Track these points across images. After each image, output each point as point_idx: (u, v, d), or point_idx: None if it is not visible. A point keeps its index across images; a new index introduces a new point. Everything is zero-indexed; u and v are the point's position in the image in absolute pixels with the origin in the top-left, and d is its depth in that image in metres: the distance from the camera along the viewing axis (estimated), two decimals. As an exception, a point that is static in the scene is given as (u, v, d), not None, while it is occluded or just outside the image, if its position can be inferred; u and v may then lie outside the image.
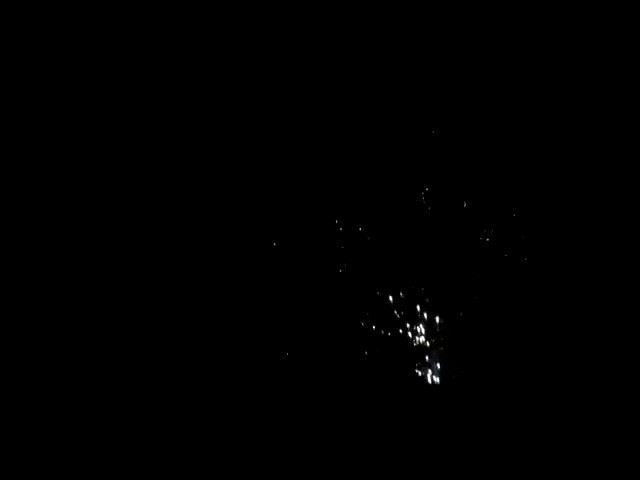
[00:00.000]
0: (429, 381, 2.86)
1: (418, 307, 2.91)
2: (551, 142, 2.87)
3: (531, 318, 2.80)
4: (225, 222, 2.91)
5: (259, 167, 2.94)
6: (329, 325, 2.88)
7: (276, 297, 2.89)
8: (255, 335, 2.86)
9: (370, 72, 2.94)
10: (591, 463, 2.57)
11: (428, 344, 2.89)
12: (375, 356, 2.87)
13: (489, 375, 2.79)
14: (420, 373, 2.86)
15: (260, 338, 2.86)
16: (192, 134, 2.94)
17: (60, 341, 2.74)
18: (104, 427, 2.67)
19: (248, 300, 2.88)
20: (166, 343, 2.80)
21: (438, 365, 2.87)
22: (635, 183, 2.78)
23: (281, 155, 2.95)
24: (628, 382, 2.66)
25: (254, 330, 2.86)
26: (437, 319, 2.90)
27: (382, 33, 2.90)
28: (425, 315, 2.91)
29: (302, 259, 2.91)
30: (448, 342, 2.88)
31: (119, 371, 2.75)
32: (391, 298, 2.91)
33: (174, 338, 2.81)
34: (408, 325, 2.91)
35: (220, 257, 2.89)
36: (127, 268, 2.84)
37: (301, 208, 2.92)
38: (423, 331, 2.90)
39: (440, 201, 2.89)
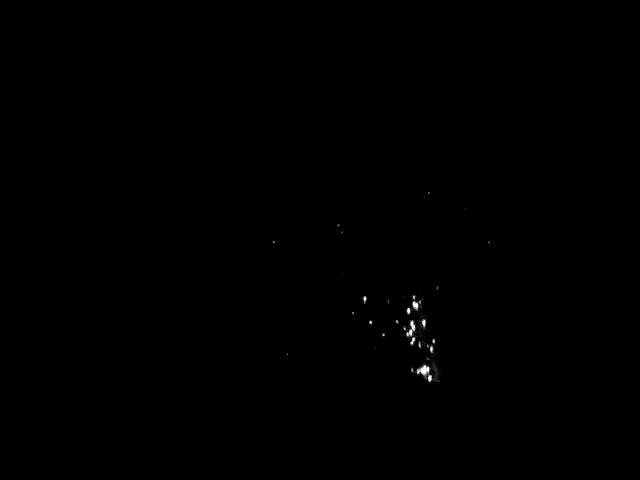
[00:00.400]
0: (428, 379, 2.86)
1: (417, 306, 2.91)
2: (557, 146, 2.87)
3: (531, 318, 2.81)
4: (226, 223, 2.91)
5: (261, 170, 2.94)
6: (329, 325, 2.89)
7: (276, 298, 2.89)
8: (255, 335, 2.86)
9: (373, 74, 2.93)
10: (592, 463, 2.58)
11: (427, 344, 2.90)
12: (374, 355, 2.88)
13: (488, 374, 2.80)
14: (419, 372, 2.87)
15: (260, 338, 2.86)
16: (193, 134, 2.93)
17: (60, 341, 2.74)
18: (104, 427, 2.67)
19: (248, 300, 2.88)
20: (165, 342, 2.80)
21: (438, 364, 2.87)
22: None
23: (284, 158, 2.94)
24: (628, 380, 2.67)
25: (254, 330, 2.86)
26: (438, 319, 2.90)
27: (387, 34, 2.90)
28: (425, 314, 2.92)
29: (303, 261, 2.91)
30: (448, 342, 2.88)
31: (119, 370, 2.75)
32: (391, 298, 2.92)
33: (174, 337, 2.81)
34: (408, 324, 2.91)
35: (221, 258, 2.89)
36: (126, 266, 2.84)
37: (303, 211, 2.93)
38: (423, 330, 2.91)
39: (442, 205, 2.89)
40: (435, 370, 2.85)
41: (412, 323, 2.89)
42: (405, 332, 2.89)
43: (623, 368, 2.67)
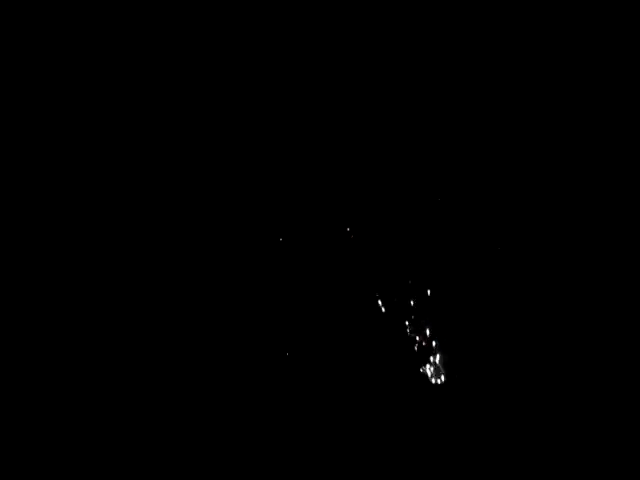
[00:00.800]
0: (433, 381, 2.86)
1: (420, 306, 2.92)
2: (565, 152, 2.87)
3: (534, 320, 2.81)
4: (229, 226, 2.90)
5: (273, 176, 2.94)
6: (333, 325, 2.88)
7: (278, 297, 2.89)
8: (256, 335, 2.85)
9: (390, 81, 2.93)
10: (593, 463, 2.59)
11: (433, 344, 2.90)
12: (379, 355, 2.87)
13: (492, 375, 2.80)
14: (423, 372, 2.87)
15: (261, 338, 2.85)
16: (195, 135, 2.92)
17: (60, 341, 2.72)
18: (104, 427, 2.65)
19: (250, 300, 2.88)
20: (166, 342, 2.79)
21: (442, 365, 2.87)
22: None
23: (296, 164, 2.94)
24: (628, 380, 2.68)
25: (255, 330, 2.86)
26: (442, 319, 2.91)
27: (401, 38, 2.89)
28: (429, 314, 2.92)
29: (309, 261, 2.91)
30: (451, 342, 2.88)
31: (119, 371, 2.73)
32: (396, 299, 2.92)
33: (174, 337, 2.80)
34: (412, 324, 2.91)
35: (223, 259, 2.88)
36: (127, 266, 2.83)
37: (311, 215, 2.93)
38: (427, 331, 2.91)
39: (453, 210, 2.90)
40: (440, 370, 2.85)
41: (416, 323, 2.90)
42: (409, 332, 2.89)
43: (624, 370, 2.69)
